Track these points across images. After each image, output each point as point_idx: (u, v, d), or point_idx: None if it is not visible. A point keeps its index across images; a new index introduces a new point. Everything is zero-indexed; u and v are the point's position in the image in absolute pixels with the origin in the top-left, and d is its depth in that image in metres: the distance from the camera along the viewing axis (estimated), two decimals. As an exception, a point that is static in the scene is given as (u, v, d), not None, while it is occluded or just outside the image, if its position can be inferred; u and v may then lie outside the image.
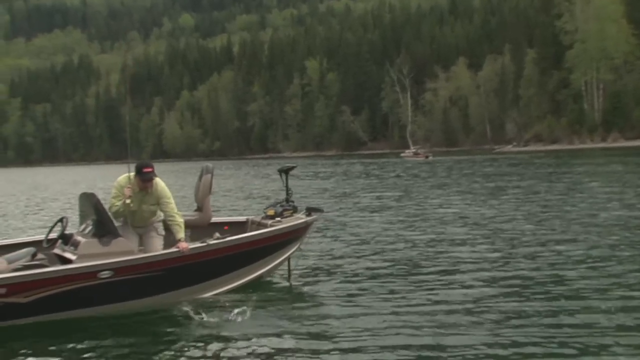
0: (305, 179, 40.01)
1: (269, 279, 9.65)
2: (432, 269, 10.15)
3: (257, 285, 9.18)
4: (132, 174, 8.38)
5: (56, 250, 8.66)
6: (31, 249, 8.39)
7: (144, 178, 8.26)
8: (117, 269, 7.83)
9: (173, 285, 8.24)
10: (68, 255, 8.25)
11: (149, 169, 8.28)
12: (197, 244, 8.39)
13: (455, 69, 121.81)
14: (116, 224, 8.37)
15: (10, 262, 8.06)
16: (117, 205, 8.28)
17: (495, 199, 21.29)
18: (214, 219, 9.90)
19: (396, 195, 24.70)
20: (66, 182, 54.34)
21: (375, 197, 24.32)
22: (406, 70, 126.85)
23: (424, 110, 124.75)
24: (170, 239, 8.48)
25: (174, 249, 8.24)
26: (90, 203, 8.46)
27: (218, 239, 8.65)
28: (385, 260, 11.06)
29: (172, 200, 8.45)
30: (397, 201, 22.31)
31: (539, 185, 26.31)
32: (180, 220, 8.32)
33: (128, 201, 8.18)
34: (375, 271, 10.22)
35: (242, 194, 29.92)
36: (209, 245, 8.40)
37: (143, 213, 8.41)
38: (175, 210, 8.39)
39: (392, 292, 8.77)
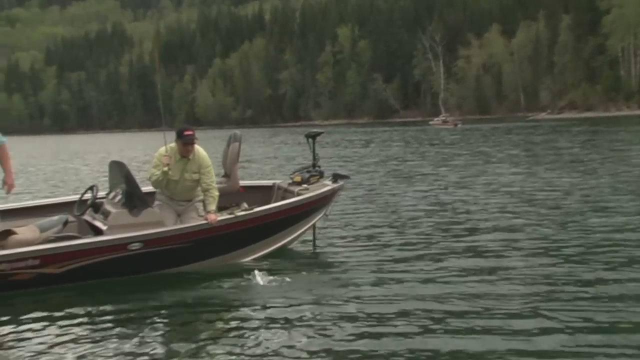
0: (336, 147, 39.96)
1: (293, 246, 9.62)
2: (465, 239, 9.88)
3: (282, 252, 9.15)
4: (172, 144, 8.30)
5: (87, 217, 8.70)
6: (63, 217, 8.41)
7: (186, 141, 8.16)
8: (146, 240, 7.87)
9: (200, 256, 8.26)
10: (98, 224, 8.27)
11: (190, 132, 8.21)
12: (225, 215, 8.38)
13: (489, 35, 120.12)
14: (157, 202, 8.39)
15: (42, 230, 8.09)
16: (156, 175, 8.24)
17: (535, 166, 20.91)
18: (242, 182, 9.88)
19: (427, 164, 24.51)
20: (100, 149, 54.91)
21: (405, 165, 24.18)
22: (438, 37, 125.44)
23: (457, 77, 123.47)
24: None
25: (202, 221, 8.24)
26: (120, 172, 8.47)
27: (245, 210, 8.63)
28: (414, 230, 10.89)
29: (212, 171, 8.38)
30: (428, 169, 22.13)
31: (580, 153, 25.85)
32: (216, 193, 8.29)
33: (166, 169, 8.13)
34: (404, 239, 10.07)
35: (271, 160, 30.02)
36: (236, 217, 8.38)
37: (185, 182, 8.31)
38: (214, 183, 8.35)
39: (420, 261, 8.62)
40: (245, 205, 8.90)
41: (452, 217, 11.98)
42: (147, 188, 8.79)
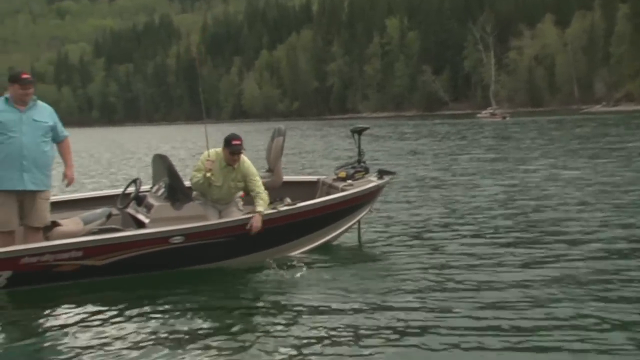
0: (382, 140, 39.80)
1: (337, 242, 9.60)
2: (523, 239, 9.59)
3: (326, 248, 9.14)
4: (219, 149, 8.40)
5: (130, 211, 8.81)
6: (106, 210, 8.52)
7: (233, 150, 8.25)
8: (188, 234, 7.92)
9: (242, 250, 8.28)
10: (141, 217, 8.38)
11: (238, 142, 8.28)
12: (269, 210, 8.39)
13: (542, 26, 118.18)
14: (196, 202, 8.44)
15: (86, 222, 8.19)
16: (197, 177, 8.33)
17: (594, 159, 20.52)
18: (286, 178, 9.89)
19: (475, 158, 24.25)
20: (146, 142, 55.55)
21: (452, 160, 23.93)
22: (489, 28, 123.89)
23: (508, 69, 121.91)
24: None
25: (244, 216, 8.29)
26: (163, 165, 8.56)
27: (288, 204, 8.65)
28: (464, 228, 10.68)
29: (258, 178, 8.47)
30: (476, 164, 21.91)
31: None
32: (265, 197, 8.33)
33: (208, 174, 8.22)
34: (452, 238, 9.91)
35: (317, 155, 30.01)
36: (279, 211, 8.40)
37: (229, 189, 8.46)
38: (262, 188, 8.42)
39: (471, 261, 8.41)
40: (288, 200, 8.92)
41: (505, 213, 11.77)
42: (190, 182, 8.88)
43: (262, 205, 8.21)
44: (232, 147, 8.26)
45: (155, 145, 45.77)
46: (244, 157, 8.45)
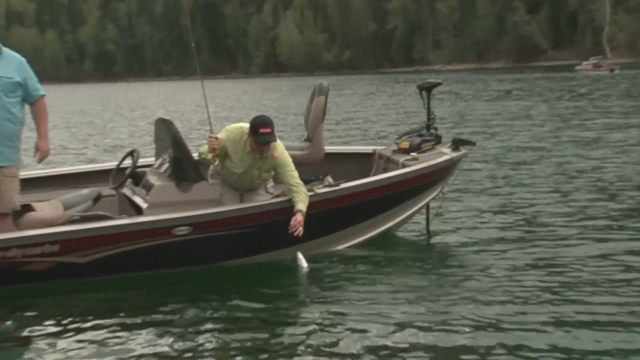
0: (460, 101, 39.43)
1: (399, 232, 9.56)
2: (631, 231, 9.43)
3: (384, 240, 9.07)
4: (245, 125, 8.18)
5: (125, 191, 8.79)
6: (94, 191, 8.49)
7: (260, 141, 7.97)
8: (197, 223, 7.80)
9: (269, 245, 8.22)
10: (138, 200, 8.33)
11: (268, 129, 7.96)
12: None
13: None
14: (210, 180, 8.42)
15: (67, 207, 8.13)
16: (202, 153, 8.22)
17: None
18: (329, 149, 9.80)
19: (575, 125, 23.87)
20: (152, 102, 55.98)
21: (548, 127, 23.60)
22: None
23: (627, 6, 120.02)
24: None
25: (273, 200, 8.21)
26: (168, 134, 8.50)
27: (329, 185, 8.47)
28: (576, 219, 10.40)
29: (293, 168, 8.18)
30: (576, 132, 21.62)
31: None
32: (305, 191, 8.10)
33: (209, 156, 8.09)
34: (549, 230, 9.72)
35: (373, 118, 29.88)
36: (316, 194, 8.22)
37: (252, 179, 8.34)
38: (299, 180, 8.14)
39: (573, 261, 8.23)
40: (329, 179, 8.74)
41: (613, 199, 11.58)
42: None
43: (303, 202, 7.98)
44: (259, 136, 7.96)
45: (163, 107, 46.03)
46: (277, 144, 8.22)
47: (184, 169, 8.16)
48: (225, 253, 8.12)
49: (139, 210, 8.23)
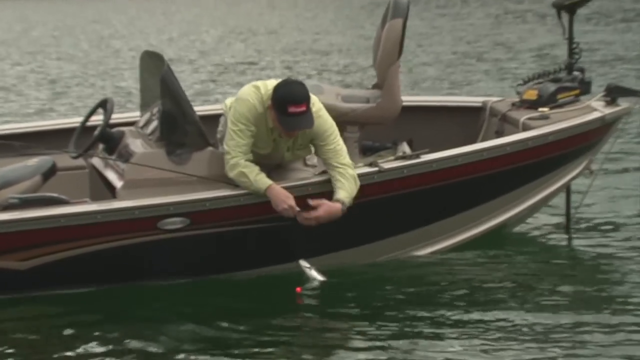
0: (620, 24, 31.63)
1: (518, 229, 8.13)
2: None
3: (497, 237, 7.66)
4: (270, 83, 6.49)
5: (95, 162, 7.14)
6: (46, 161, 6.76)
7: (289, 127, 6.33)
8: (195, 213, 6.30)
9: (308, 248, 6.65)
10: (110, 175, 6.71)
11: (302, 107, 6.25)
12: (362, 168, 6.70)
13: None
14: (221, 147, 6.83)
15: (4, 184, 6.57)
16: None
17: None
18: (413, 101, 8.31)
19: None
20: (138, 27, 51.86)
21: None
22: None
23: None
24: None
25: (312, 179, 6.67)
26: (157, 75, 6.72)
27: (403, 157, 6.77)
28: None
29: (337, 139, 6.61)
30: None
31: None
32: (352, 172, 6.54)
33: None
34: None
35: (478, 54, 25.37)
36: (381, 172, 6.59)
37: (283, 159, 6.88)
38: (346, 157, 6.59)
39: None
40: (405, 147, 7.32)
41: None
42: (206, 108, 7.90)
43: (346, 190, 6.44)
44: (288, 119, 6.27)
45: (166, 33, 38.96)
46: (314, 100, 6.55)
47: (181, 129, 6.53)
48: (237, 259, 6.78)
49: (112, 191, 6.66)
